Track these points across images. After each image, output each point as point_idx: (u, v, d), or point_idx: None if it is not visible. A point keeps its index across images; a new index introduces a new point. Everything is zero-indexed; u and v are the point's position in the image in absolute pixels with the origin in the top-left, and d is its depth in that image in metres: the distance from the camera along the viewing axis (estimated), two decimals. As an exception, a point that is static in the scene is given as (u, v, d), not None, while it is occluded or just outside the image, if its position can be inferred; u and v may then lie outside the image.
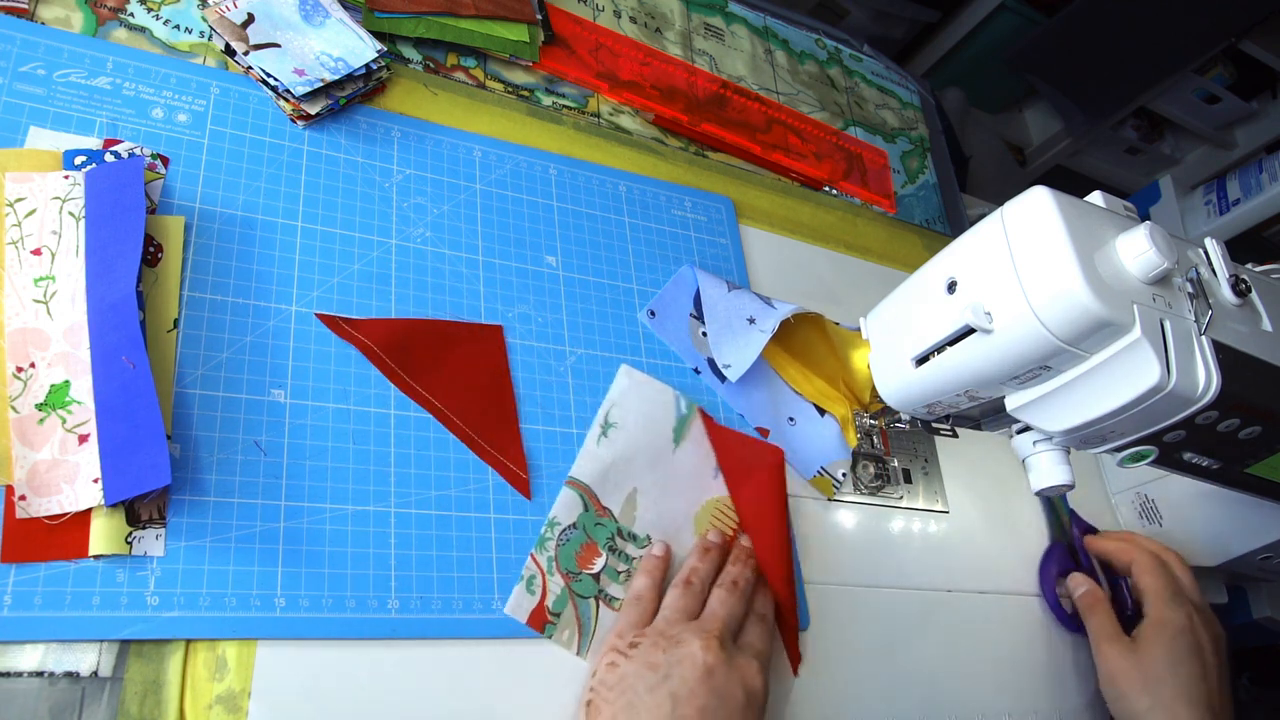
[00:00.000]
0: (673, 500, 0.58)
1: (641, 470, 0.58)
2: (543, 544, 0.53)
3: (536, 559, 0.53)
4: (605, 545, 0.55)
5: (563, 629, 0.51)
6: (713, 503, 0.59)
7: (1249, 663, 1.10)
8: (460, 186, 0.62)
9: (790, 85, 0.90)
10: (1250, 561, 0.72)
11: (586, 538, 0.54)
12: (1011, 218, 0.47)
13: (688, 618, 0.52)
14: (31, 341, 0.45)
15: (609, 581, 0.54)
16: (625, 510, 0.56)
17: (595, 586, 0.53)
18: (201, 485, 0.46)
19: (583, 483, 0.56)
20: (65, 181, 0.48)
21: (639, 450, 0.58)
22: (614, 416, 0.59)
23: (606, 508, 0.56)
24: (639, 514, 0.56)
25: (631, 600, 0.54)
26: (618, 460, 0.57)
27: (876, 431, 0.70)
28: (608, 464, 0.57)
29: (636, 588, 0.54)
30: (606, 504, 0.56)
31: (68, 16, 0.54)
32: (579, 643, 0.52)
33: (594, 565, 0.54)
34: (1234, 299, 0.48)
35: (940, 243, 0.73)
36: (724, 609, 0.52)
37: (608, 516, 0.56)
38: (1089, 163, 2.06)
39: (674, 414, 0.60)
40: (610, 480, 0.57)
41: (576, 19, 0.77)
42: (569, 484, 0.55)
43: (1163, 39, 1.70)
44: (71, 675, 0.40)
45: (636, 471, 0.58)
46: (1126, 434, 0.48)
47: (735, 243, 0.73)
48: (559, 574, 0.53)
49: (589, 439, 0.57)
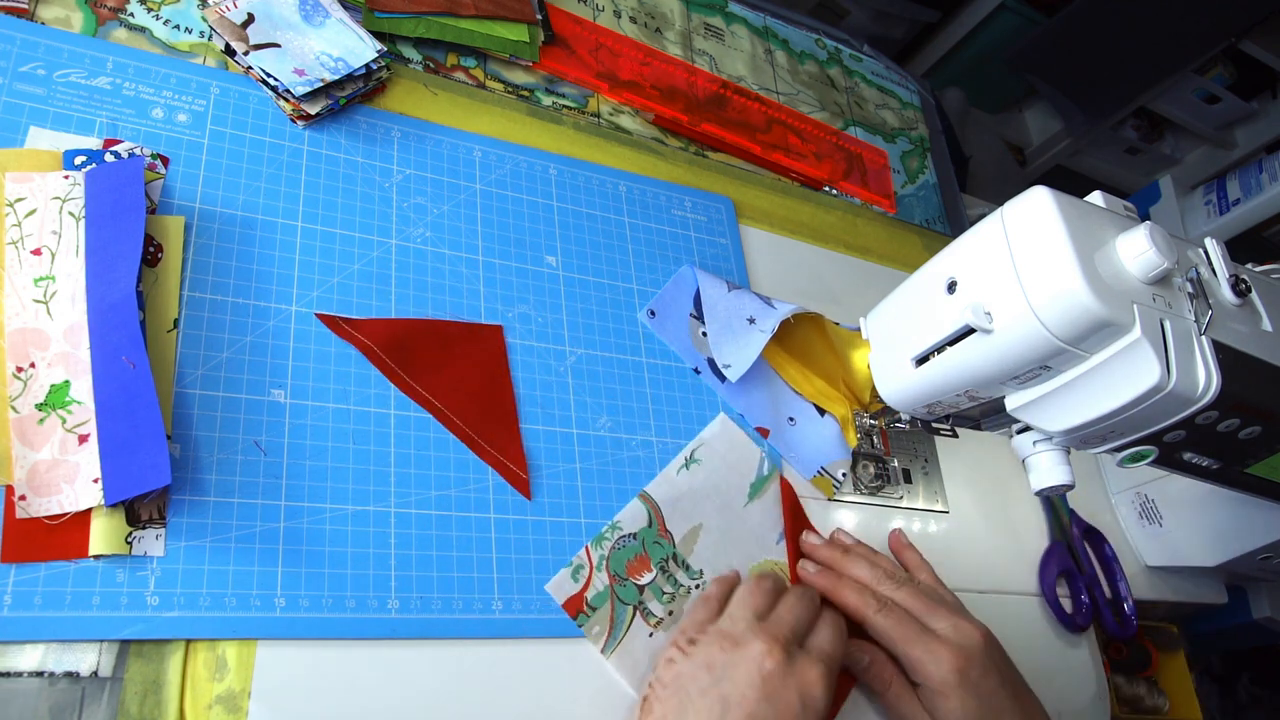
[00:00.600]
0: (733, 548, 0.59)
1: (711, 511, 0.60)
2: (600, 541, 0.55)
3: (590, 552, 0.54)
4: (658, 564, 0.56)
5: (594, 624, 0.52)
6: (769, 563, 0.60)
7: (1249, 663, 1.10)
8: (460, 186, 0.62)
9: (790, 85, 0.90)
10: (1250, 561, 0.72)
11: (643, 550, 0.56)
12: (1011, 218, 0.47)
13: (756, 617, 0.51)
14: (31, 341, 0.45)
15: (652, 597, 0.55)
16: (686, 540, 0.58)
17: (638, 596, 0.54)
18: (201, 485, 0.46)
19: (654, 500, 0.58)
20: (65, 181, 0.48)
21: (714, 492, 0.60)
22: (700, 454, 0.61)
23: (669, 531, 0.58)
24: (698, 548, 0.58)
25: (701, 600, 0.54)
26: (692, 493, 0.59)
27: (876, 431, 0.70)
28: (682, 492, 0.59)
29: (709, 590, 0.54)
30: (670, 528, 0.58)
31: (68, 16, 0.54)
32: (606, 641, 0.52)
33: (642, 578, 0.55)
34: (1234, 299, 0.48)
35: (940, 243, 0.73)
36: (791, 614, 0.51)
37: (668, 540, 0.57)
38: (1089, 163, 2.06)
39: (755, 472, 0.62)
40: (680, 508, 0.59)
41: (576, 19, 0.77)
42: (641, 497, 0.58)
43: (1163, 39, 1.70)
44: (71, 675, 0.40)
45: (707, 510, 0.59)
46: (1126, 434, 0.48)
47: (735, 243, 0.73)
48: (607, 573, 0.54)
49: (671, 465, 0.60)
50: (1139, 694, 0.77)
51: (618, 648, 0.52)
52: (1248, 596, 0.85)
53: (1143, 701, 0.77)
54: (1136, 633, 0.74)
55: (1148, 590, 0.77)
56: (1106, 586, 0.74)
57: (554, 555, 0.54)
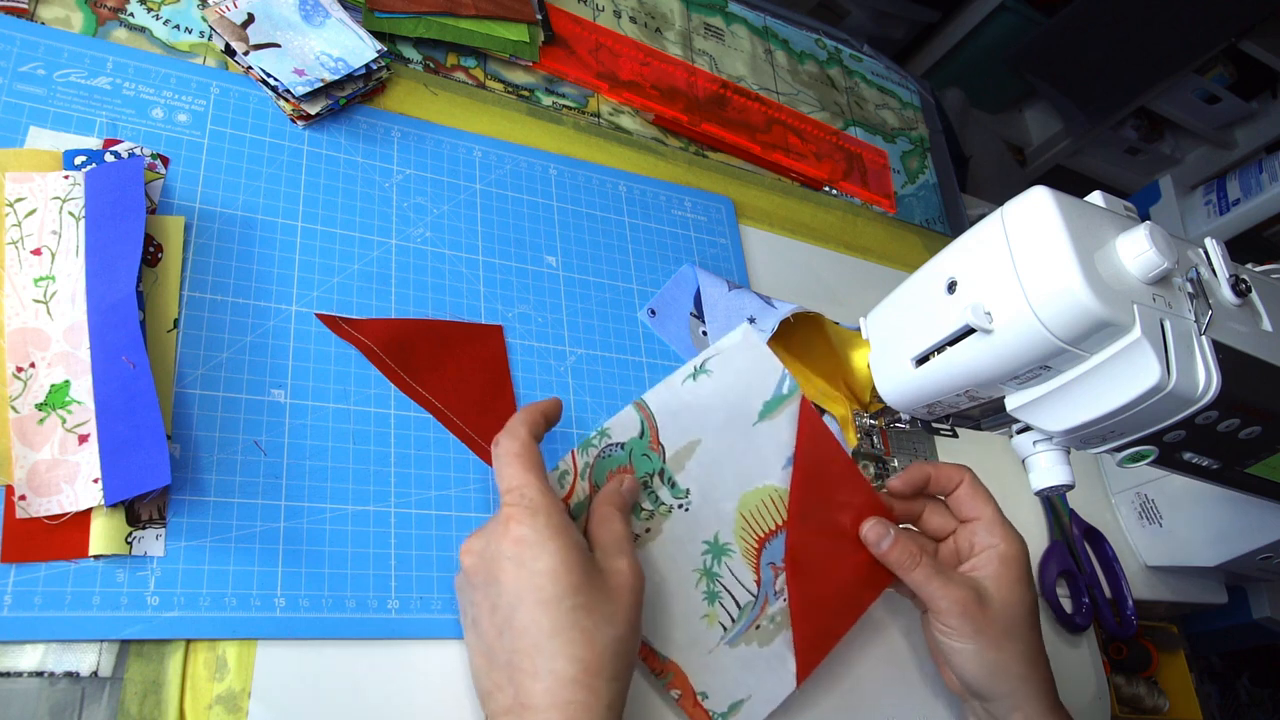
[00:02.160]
0: (729, 468, 0.54)
1: (713, 426, 0.54)
2: (586, 447, 0.51)
3: (575, 458, 0.50)
4: (641, 478, 0.52)
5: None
6: (767, 489, 0.55)
7: (1249, 663, 1.10)
8: (460, 186, 0.63)
9: (790, 85, 0.90)
10: (1250, 561, 0.72)
11: (628, 461, 0.52)
12: (1011, 218, 0.47)
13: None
14: (31, 341, 0.45)
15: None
16: (679, 456, 0.53)
17: None
18: (201, 485, 0.46)
19: (649, 409, 0.53)
20: (65, 181, 0.48)
21: (720, 406, 0.54)
22: (712, 365, 0.54)
23: (661, 444, 0.53)
24: (689, 465, 0.53)
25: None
26: (695, 405, 0.54)
27: (876, 431, 0.70)
28: (685, 403, 0.54)
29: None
30: (664, 440, 0.53)
31: (68, 16, 0.54)
32: None
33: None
34: (1234, 299, 0.48)
35: (940, 243, 0.73)
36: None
37: (658, 453, 0.53)
38: (1089, 163, 2.06)
39: (772, 389, 0.56)
40: (678, 421, 0.53)
41: (576, 19, 0.77)
42: (635, 405, 0.53)
43: (1163, 39, 1.70)
44: (71, 675, 0.40)
45: (708, 425, 0.54)
46: (1126, 434, 0.48)
47: (735, 243, 0.73)
48: (589, 483, 0.51)
49: (676, 374, 0.54)
50: (1139, 694, 0.77)
51: None
52: (1248, 596, 0.86)
53: (1143, 701, 0.77)
54: (1136, 633, 0.74)
55: (1148, 590, 0.77)
56: (1106, 586, 0.74)
57: (554, 555, 0.53)
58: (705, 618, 0.52)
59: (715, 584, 0.53)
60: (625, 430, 0.52)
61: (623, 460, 0.52)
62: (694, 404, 0.54)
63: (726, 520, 0.54)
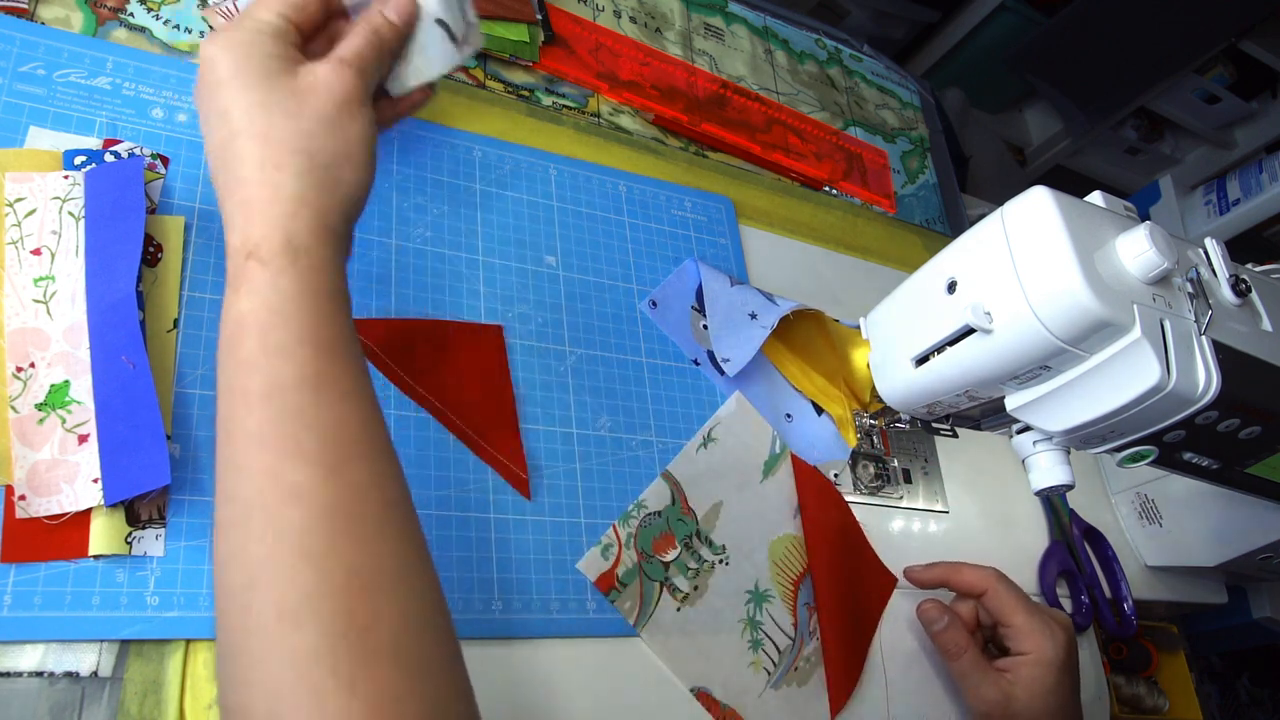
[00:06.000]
0: (753, 523, 0.61)
1: (730, 487, 0.61)
2: (626, 519, 0.56)
3: (618, 531, 0.56)
4: (682, 541, 0.57)
5: (626, 599, 0.54)
6: (787, 537, 0.62)
7: (1249, 663, 1.10)
8: (460, 186, 0.62)
9: (790, 85, 0.90)
10: (1250, 561, 0.72)
11: (667, 527, 0.57)
12: (1011, 218, 0.47)
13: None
14: (31, 341, 0.45)
15: (677, 573, 0.56)
16: (708, 517, 0.59)
17: (664, 573, 0.56)
18: (201, 485, 0.46)
19: (675, 479, 0.59)
20: (65, 181, 0.48)
21: (731, 469, 0.62)
22: (717, 433, 0.62)
23: (692, 509, 0.59)
24: (719, 524, 0.59)
25: None
26: (711, 471, 0.61)
27: (876, 431, 0.70)
28: (701, 470, 0.60)
29: None
30: (693, 505, 0.59)
31: (68, 16, 0.54)
32: (638, 615, 0.54)
33: (668, 555, 0.57)
34: (1234, 299, 0.48)
35: (940, 243, 0.73)
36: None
37: (691, 517, 0.59)
38: (1089, 163, 2.06)
39: (767, 450, 0.64)
40: (700, 486, 0.60)
41: (576, 19, 0.77)
42: (663, 476, 0.59)
43: (1163, 39, 1.70)
44: (71, 675, 0.40)
45: (725, 487, 0.61)
46: (1126, 434, 0.48)
47: (735, 243, 0.73)
48: (635, 550, 0.56)
49: (690, 445, 0.61)
50: (1139, 694, 0.77)
51: (648, 623, 0.54)
52: (1248, 596, 0.86)
53: (1143, 701, 0.77)
54: (1136, 633, 0.74)
55: (1148, 590, 0.77)
56: (1106, 586, 0.74)
57: (554, 555, 0.54)
58: (752, 665, 0.57)
59: (758, 632, 0.58)
60: (659, 500, 0.58)
61: (662, 527, 0.57)
62: (709, 470, 0.61)
63: (762, 568, 0.60)
